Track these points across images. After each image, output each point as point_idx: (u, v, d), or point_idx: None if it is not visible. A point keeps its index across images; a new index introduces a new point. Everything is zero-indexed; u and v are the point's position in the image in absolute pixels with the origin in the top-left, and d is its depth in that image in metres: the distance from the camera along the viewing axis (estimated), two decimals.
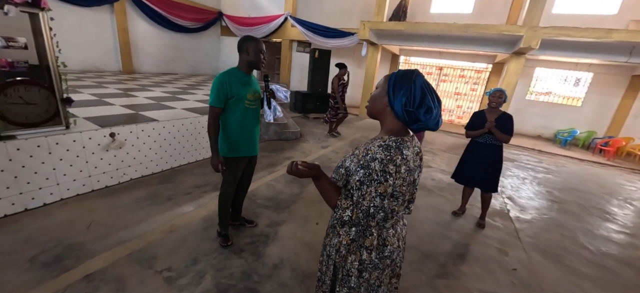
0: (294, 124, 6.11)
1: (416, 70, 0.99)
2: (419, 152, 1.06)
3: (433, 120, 0.96)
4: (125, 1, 8.65)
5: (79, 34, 7.84)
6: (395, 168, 0.92)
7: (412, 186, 1.03)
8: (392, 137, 0.97)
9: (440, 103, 0.99)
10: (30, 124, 2.51)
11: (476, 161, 2.93)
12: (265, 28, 10.05)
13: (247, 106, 1.95)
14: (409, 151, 0.96)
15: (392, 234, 1.05)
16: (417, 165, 1.04)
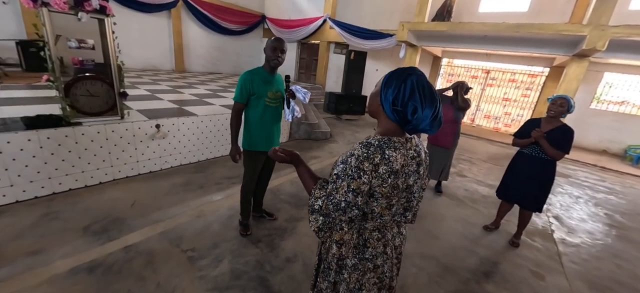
0: (325, 125, 6.18)
1: (412, 68, 0.94)
2: (417, 157, 0.99)
3: (423, 122, 0.91)
4: (181, 7, 9.58)
5: (141, 37, 8.89)
6: (372, 167, 0.88)
7: (403, 191, 0.98)
8: (377, 136, 0.94)
9: (435, 105, 0.92)
10: (93, 113, 2.94)
11: (519, 174, 2.63)
12: (304, 30, 10.31)
13: (267, 103, 2.05)
14: (395, 152, 0.91)
15: (376, 238, 1.02)
16: (411, 170, 0.97)
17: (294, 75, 11.63)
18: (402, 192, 0.98)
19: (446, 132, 3.40)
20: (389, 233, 1.06)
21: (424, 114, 0.91)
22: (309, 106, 7.32)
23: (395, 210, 1.01)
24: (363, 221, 0.99)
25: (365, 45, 8.80)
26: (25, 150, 2.44)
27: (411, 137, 1.00)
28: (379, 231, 1.02)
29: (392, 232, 1.07)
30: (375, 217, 0.98)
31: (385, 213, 0.97)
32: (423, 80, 0.93)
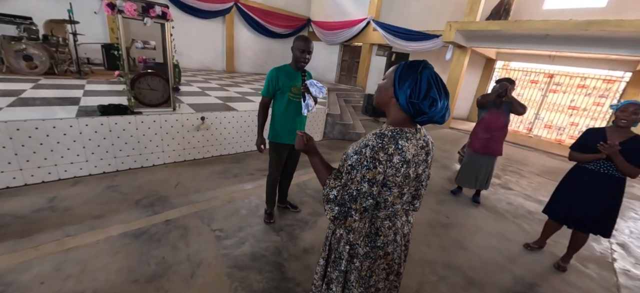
0: (360, 126, 6.14)
1: (424, 62, 0.96)
2: (425, 147, 1.03)
3: (439, 113, 0.93)
4: (234, 13, 10.40)
5: (199, 40, 9.87)
6: (387, 157, 0.92)
7: (413, 180, 1.02)
8: (390, 127, 0.98)
9: (447, 95, 0.95)
10: (152, 105, 3.40)
11: (579, 193, 2.28)
12: (348, 32, 10.36)
13: (290, 98, 2.14)
14: (407, 142, 0.94)
15: (387, 226, 1.06)
16: (421, 159, 1.01)
17: (335, 77, 11.75)
18: (413, 181, 1.02)
19: (497, 139, 3.15)
20: (398, 222, 1.09)
21: (441, 105, 0.93)
22: (346, 107, 7.35)
23: (406, 198, 1.05)
24: (376, 210, 1.02)
25: (409, 47, 8.51)
26: (98, 132, 2.94)
27: (418, 128, 1.02)
28: (390, 220, 1.06)
29: (402, 220, 1.11)
30: (388, 205, 1.01)
31: (397, 202, 1.01)
32: (435, 73, 0.96)
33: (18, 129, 2.53)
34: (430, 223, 2.90)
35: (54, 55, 5.10)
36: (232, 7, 10.21)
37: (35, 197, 2.50)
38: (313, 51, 2.08)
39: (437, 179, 4.11)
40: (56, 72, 5.01)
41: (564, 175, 2.45)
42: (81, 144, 2.86)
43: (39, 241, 2.00)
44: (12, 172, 2.58)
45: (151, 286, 1.75)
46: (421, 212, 3.07)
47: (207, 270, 1.93)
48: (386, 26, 9.00)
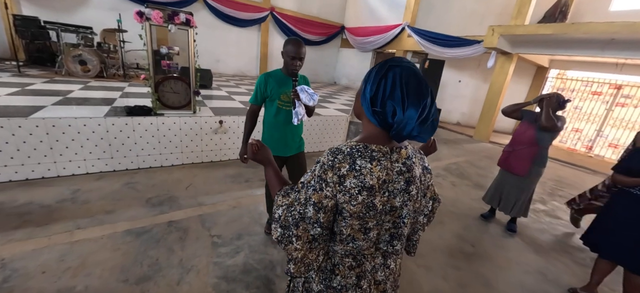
0: None
1: (396, 59, 0.77)
2: (407, 173, 0.80)
3: (409, 126, 0.73)
4: (269, 21, 10.75)
5: (236, 47, 10.36)
6: (337, 179, 0.74)
7: (386, 214, 0.80)
8: (353, 142, 0.79)
9: (422, 103, 0.73)
10: (173, 107, 3.55)
11: (628, 223, 1.91)
12: (381, 39, 10.06)
13: (279, 106, 1.95)
14: (371, 164, 0.75)
15: (347, 265, 0.85)
16: (397, 188, 0.79)
17: None
18: (385, 214, 0.80)
19: (521, 156, 2.72)
20: (367, 264, 0.86)
21: (406, 115, 0.73)
22: None
23: (377, 235, 0.83)
24: (332, 242, 0.84)
25: (446, 54, 7.96)
26: (123, 131, 3.13)
27: (401, 146, 0.81)
28: (353, 258, 0.85)
29: (374, 262, 0.88)
30: (345, 240, 0.81)
31: (358, 237, 0.81)
32: (408, 73, 0.74)
33: (54, 126, 2.78)
34: (451, 250, 2.56)
35: (105, 60, 5.67)
36: (268, 15, 10.58)
37: (62, 188, 2.71)
38: (305, 56, 1.86)
39: (466, 199, 3.67)
40: (105, 75, 5.56)
41: (608, 202, 2.07)
42: (107, 141, 3.07)
43: (52, 231, 2.13)
44: (47, 164, 2.84)
45: (138, 288, 1.74)
46: (441, 237, 2.73)
47: (195, 278, 1.87)
48: (422, 32, 8.55)
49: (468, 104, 9.11)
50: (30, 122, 2.68)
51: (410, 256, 1.07)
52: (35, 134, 2.72)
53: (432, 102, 0.77)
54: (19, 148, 2.68)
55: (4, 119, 2.57)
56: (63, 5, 7.36)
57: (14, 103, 3.13)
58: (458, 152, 6.10)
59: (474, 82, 8.91)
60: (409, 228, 0.89)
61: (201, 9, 9.33)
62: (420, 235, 1.01)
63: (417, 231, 0.99)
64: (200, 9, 9.32)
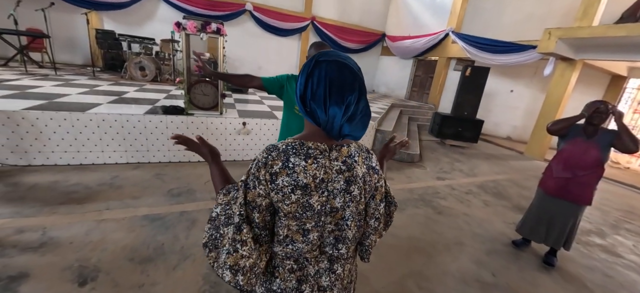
0: (417, 146, 5.50)
1: (325, 52, 0.74)
2: (347, 172, 0.76)
3: (335, 125, 0.71)
4: (309, 30, 11.09)
5: (276, 56, 10.89)
6: (269, 177, 0.72)
7: (326, 215, 0.77)
8: (290, 139, 0.77)
9: (346, 100, 0.70)
10: (203, 108, 3.86)
11: None
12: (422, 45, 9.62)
13: (297, 112, 1.78)
14: (305, 161, 0.72)
15: (288, 268, 0.82)
16: (337, 188, 0.76)
17: (406, 93, 11.03)
18: (325, 215, 0.77)
19: (585, 182, 2.27)
20: (311, 268, 0.83)
21: (329, 114, 0.71)
22: (409, 124, 6.74)
23: (318, 238, 0.79)
24: (272, 244, 0.81)
25: (495, 61, 7.26)
26: (158, 128, 3.51)
27: (342, 144, 0.78)
28: (294, 261, 0.82)
29: (318, 266, 0.84)
30: (283, 241, 0.79)
31: (297, 238, 0.78)
32: (334, 68, 0.71)
33: (103, 120, 3.24)
34: (464, 276, 2.28)
35: (160, 67, 6.45)
36: (309, 24, 10.93)
37: (105, 174, 3.14)
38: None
39: (497, 222, 3.26)
40: (159, 80, 6.33)
41: None
42: (145, 136, 3.47)
43: (87, 209, 2.47)
44: (96, 152, 3.32)
45: (140, 268, 1.91)
46: (455, 259, 2.46)
47: (190, 266, 1.99)
48: (468, 38, 7.95)
49: (521, 117, 8.12)
50: (86, 116, 3.17)
51: (364, 262, 1.00)
52: (89, 126, 3.20)
53: (360, 97, 0.73)
54: (76, 138, 3.19)
55: (67, 113, 3.09)
56: (135, 19, 8.61)
57: (79, 100, 3.74)
58: (500, 168, 5.45)
59: (529, 93, 7.93)
60: (355, 231, 0.83)
61: (248, 20, 10.06)
62: (373, 239, 0.92)
63: (368, 235, 0.91)
64: (247, 20, 10.06)
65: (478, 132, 6.68)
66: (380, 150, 1.15)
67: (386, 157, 1.14)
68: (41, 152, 3.10)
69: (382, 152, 1.14)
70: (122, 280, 1.79)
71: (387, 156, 1.15)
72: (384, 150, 1.15)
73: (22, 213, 2.31)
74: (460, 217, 3.24)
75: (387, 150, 1.14)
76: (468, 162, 5.56)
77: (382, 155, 1.13)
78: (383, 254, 2.38)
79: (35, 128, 3.00)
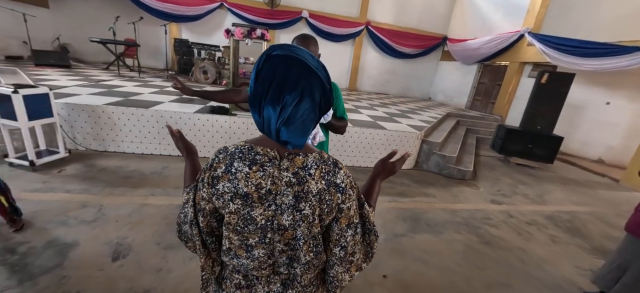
0: (469, 162, 4.86)
1: (279, 45, 0.65)
2: (297, 185, 0.65)
3: (271, 126, 0.63)
4: (364, 36, 10.92)
5: (328, 61, 10.94)
6: (211, 181, 0.67)
7: (274, 232, 0.68)
8: (243, 141, 0.72)
9: (283, 100, 0.61)
10: (246, 109, 4.09)
11: None
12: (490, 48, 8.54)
13: None
14: (250, 168, 0.65)
15: (235, 283, 0.76)
16: (285, 203, 0.65)
17: (467, 102, 9.93)
18: (273, 232, 0.68)
19: None
20: (260, 288, 0.75)
21: (264, 115, 0.64)
22: (456, 135, 6.03)
23: (266, 255, 0.70)
24: (223, 253, 0.75)
25: (585, 66, 6.02)
26: (205, 126, 3.84)
27: (296, 153, 0.68)
28: (243, 277, 0.76)
29: (269, 288, 0.76)
30: (226, 253, 0.72)
31: (241, 254, 0.70)
32: (278, 61, 0.62)
33: (162, 116, 3.69)
34: None
35: (221, 71, 7.13)
36: (363, 29, 10.78)
37: (158, 163, 3.56)
38: (315, 54, 1.49)
39: (566, 265, 2.63)
40: (217, 82, 6.99)
41: None
42: (193, 132, 3.83)
43: (136, 193, 2.82)
44: (154, 144, 3.79)
45: (162, 253, 2.08)
46: None
47: None
48: (548, 39, 6.77)
49: (620, 136, 6.50)
50: (148, 112, 3.66)
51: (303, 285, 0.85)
52: (150, 121, 3.68)
53: (302, 98, 0.62)
54: (140, 130, 3.70)
55: (134, 108, 3.61)
56: (206, 29, 9.71)
57: (148, 98, 4.35)
58: (582, 198, 4.42)
59: (633, 107, 6.31)
60: (310, 257, 0.71)
61: (303, 27, 10.43)
62: (339, 272, 0.77)
63: (333, 265, 0.76)
64: (303, 28, 10.43)
65: (555, 150, 5.58)
66: (375, 166, 0.99)
67: (381, 176, 0.97)
68: (114, 141, 3.68)
69: (376, 169, 0.97)
70: (145, 262, 1.97)
71: (384, 174, 0.97)
72: (379, 167, 0.97)
73: (89, 191, 2.76)
74: (513, 252, 2.71)
75: (384, 166, 0.97)
76: (537, 186, 4.67)
77: (376, 173, 0.97)
78: (405, 282, 2.12)
79: (111, 120, 3.58)
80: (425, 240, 2.71)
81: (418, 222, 3.04)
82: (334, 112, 1.69)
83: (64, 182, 2.85)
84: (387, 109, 6.84)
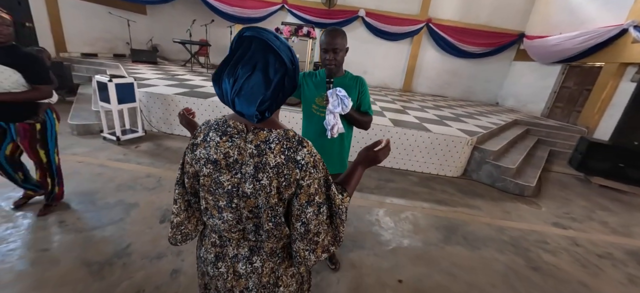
0: (533, 177, 4.21)
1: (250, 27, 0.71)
2: (258, 157, 0.71)
3: (227, 99, 0.72)
4: (423, 34, 10.30)
5: (383, 60, 10.71)
6: (192, 147, 0.80)
7: (239, 198, 0.76)
8: (224, 115, 0.82)
9: (237, 75, 0.68)
10: (289, 104, 4.32)
11: None
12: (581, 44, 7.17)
13: (314, 111, 1.67)
14: (221, 138, 0.74)
15: (211, 242, 0.88)
16: (247, 173, 0.72)
17: (543, 109, 8.51)
18: (238, 199, 0.76)
19: None
20: (230, 249, 0.85)
21: (223, 88, 0.72)
22: (522, 145, 5.24)
23: (234, 220, 0.79)
24: (198, 206, 0.89)
25: None
26: None
27: (262, 128, 0.74)
28: (219, 237, 0.87)
29: (238, 251, 0.85)
30: (204, 213, 0.85)
31: (214, 214, 0.81)
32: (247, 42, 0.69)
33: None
34: None
35: None
36: (423, 27, 10.18)
37: None
38: (343, 47, 1.54)
39: None
40: None
41: None
42: None
43: None
44: None
45: None
46: None
47: None
48: None
49: None
50: (206, 101, 4.17)
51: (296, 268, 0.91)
52: (207, 110, 4.19)
53: (253, 72, 0.68)
54: (198, 118, 4.23)
55: (196, 98, 4.16)
56: None
57: (209, 91, 4.93)
58: None
59: None
60: (270, 226, 0.77)
61: (359, 26, 10.37)
62: (301, 248, 0.80)
63: (295, 240, 0.80)
64: (358, 26, 10.37)
65: None
66: (359, 153, 0.99)
67: (363, 164, 0.97)
68: (178, 125, 4.30)
69: (359, 156, 0.98)
70: None
71: (364, 163, 0.97)
72: (362, 154, 0.98)
73: (154, 164, 3.31)
74: (570, 285, 2.29)
75: (367, 155, 0.97)
76: (623, 214, 3.78)
77: (358, 161, 0.97)
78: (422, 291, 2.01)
79: (178, 108, 4.19)
80: (458, 253, 2.49)
81: (454, 233, 2.80)
82: (358, 106, 1.68)
83: (138, 156, 3.46)
84: (439, 112, 6.36)
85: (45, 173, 2.22)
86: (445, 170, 4.26)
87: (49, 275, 1.71)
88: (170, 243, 0.94)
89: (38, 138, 2.09)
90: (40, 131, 2.09)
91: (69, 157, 3.22)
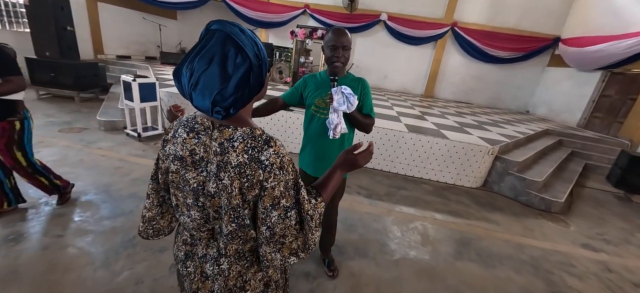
0: (562, 192, 3.87)
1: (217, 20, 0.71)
2: (220, 155, 0.69)
3: (185, 92, 0.70)
4: (448, 38, 9.94)
5: (405, 65, 10.46)
6: (163, 143, 0.81)
7: (206, 197, 0.74)
8: (195, 113, 0.81)
9: (192, 68, 0.67)
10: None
11: None
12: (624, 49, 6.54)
13: (314, 113, 1.66)
14: (188, 135, 0.73)
15: (182, 240, 0.88)
16: (211, 171, 0.71)
17: (579, 120, 7.84)
18: (205, 197, 0.74)
19: None
20: (200, 248, 0.84)
21: (183, 82, 0.70)
22: (552, 157, 4.83)
23: (201, 219, 0.78)
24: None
25: None
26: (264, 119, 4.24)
27: (226, 125, 0.72)
28: (190, 235, 0.85)
29: (207, 251, 0.83)
30: (174, 209, 0.85)
31: (183, 211, 0.80)
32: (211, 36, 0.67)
33: None
34: None
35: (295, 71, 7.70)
36: (448, 30, 9.83)
37: None
38: (350, 45, 1.54)
39: None
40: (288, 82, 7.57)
41: None
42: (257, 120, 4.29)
43: None
44: None
45: None
46: None
47: None
48: None
49: None
50: None
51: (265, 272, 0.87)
52: None
53: (209, 66, 0.66)
54: None
55: None
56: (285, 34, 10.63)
57: None
58: None
59: None
60: (232, 228, 0.75)
61: (381, 30, 10.23)
62: (268, 252, 0.76)
63: (261, 244, 0.77)
64: (380, 30, 10.24)
65: None
66: (338, 156, 0.95)
67: (341, 167, 0.93)
68: None
69: (338, 159, 0.94)
70: None
71: (343, 166, 0.93)
72: (341, 157, 0.94)
73: None
74: None
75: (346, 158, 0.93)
76: None
77: (337, 164, 0.93)
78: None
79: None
80: (468, 270, 2.33)
81: (466, 247, 2.63)
82: (360, 108, 1.64)
83: (156, 152, 3.62)
84: (460, 118, 6.07)
85: (32, 176, 2.14)
86: (463, 180, 4.03)
87: (57, 261, 1.82)
88: (141, 237, 0.95)
89: (15, 139, 1.99)
90: (19, 131, 1.99)
91: (95, 150, 3.44)
